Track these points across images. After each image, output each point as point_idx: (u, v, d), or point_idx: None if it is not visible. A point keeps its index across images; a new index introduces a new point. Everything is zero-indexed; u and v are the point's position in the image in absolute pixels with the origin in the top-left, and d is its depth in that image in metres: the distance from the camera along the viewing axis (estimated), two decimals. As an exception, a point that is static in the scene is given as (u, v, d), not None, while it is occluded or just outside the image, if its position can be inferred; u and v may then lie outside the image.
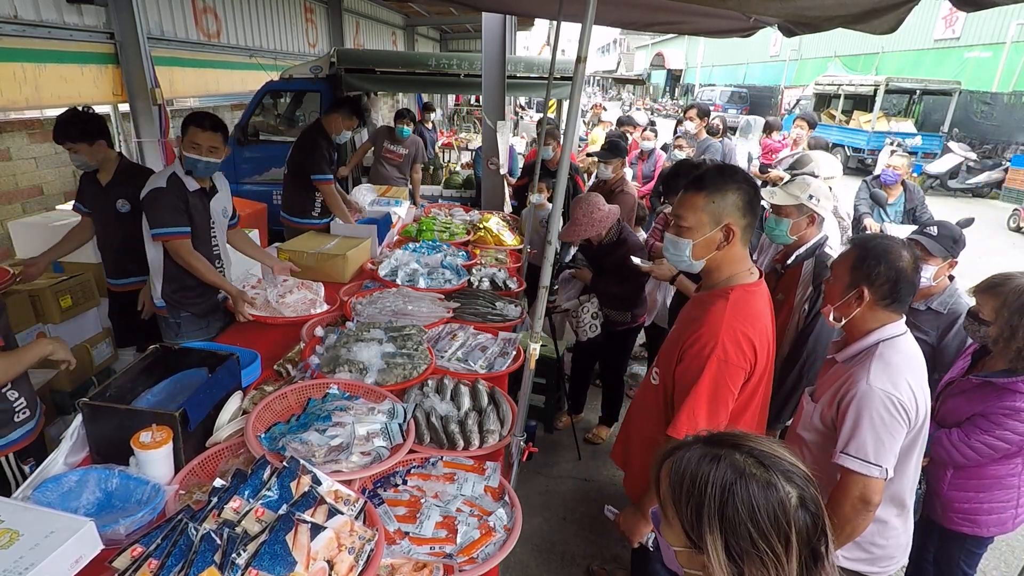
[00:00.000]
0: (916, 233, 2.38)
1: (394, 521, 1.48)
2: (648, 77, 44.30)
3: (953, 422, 2.05)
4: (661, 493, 0.89)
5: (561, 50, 3.54)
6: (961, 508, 2.08)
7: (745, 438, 0.87)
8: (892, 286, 1.62)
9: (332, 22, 10.30)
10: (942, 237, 2.32)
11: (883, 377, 1.56)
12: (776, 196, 2.45)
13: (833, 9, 2.20)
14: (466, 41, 17.78)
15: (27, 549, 1.16)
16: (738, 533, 0.78)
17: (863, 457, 1.54)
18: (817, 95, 18.00)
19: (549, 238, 1.68)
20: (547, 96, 3.60)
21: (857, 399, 1.57)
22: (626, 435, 1.97)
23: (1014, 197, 12.08)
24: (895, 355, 1.60)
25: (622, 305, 3.27)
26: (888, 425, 1.54)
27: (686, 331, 1.63)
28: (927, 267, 2.30)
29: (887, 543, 1.75)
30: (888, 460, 1.54)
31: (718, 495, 0.79)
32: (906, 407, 1.55)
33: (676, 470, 0.85)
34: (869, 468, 1.54)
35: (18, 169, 4.67)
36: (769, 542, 0.77)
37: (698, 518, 0.80)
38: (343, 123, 4.10)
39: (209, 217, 2.75)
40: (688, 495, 0.82)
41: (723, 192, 1.56)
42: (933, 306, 2.38)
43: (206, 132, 2.58)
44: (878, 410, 1.54)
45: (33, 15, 4.19)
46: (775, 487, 0.79)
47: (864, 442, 1.54)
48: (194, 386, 1.77)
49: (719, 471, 0.81)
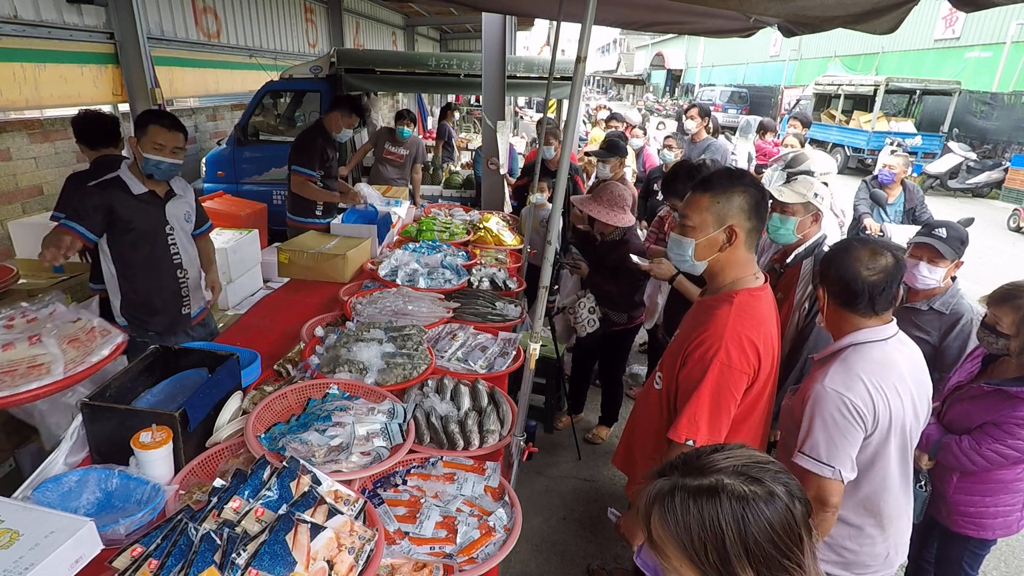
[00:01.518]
0: (925, 236, 2.37)
1: (394, 521, 1.48)
2: (648, 77, 44.29)
3: (962, 428, 2.04)
4: (658, 542, 0.83)
5: (561, 50, 3.54)
6: (967, 511, 2.08)
7: (720, 454, 0.84)
8: (843, 287, 1.62)
9: (332, 22, 10.31)
10: (951, 239, 2.32)
11: (838, 379, 1.57)
12: (784, 194, 2.46)
13: (833, 9, 2.20)
14: (466, 41, 17.78)
15: (27, 549, 1.16)
16: (765, 558, 0.76)
17: (816, 457, 1.55)
18: (817, 95, 17.99)
19: (549, 238, 1.68)
20: (547, 96, 3.60)
21: (812, 400, 1.59)
22: (628, 439, 1.97)
23: (1014, 197, 12.08)
24: (859, 360, 1.59)
25: (619, 305, 3.27)
26: (840, 426, 1.54)
27: (690, 335, 1.62)
28: (936, 269, 2.33)
29: (859, 549, 1.73)
30: (841, 462, 1.54)
31: (735, 532, 0.76)
32: (860, 410, 1.54)
33: (676, 521, 0.79)
34: (821, 468, 1.55)
35: (18, 169, 4.67)
36: (791, 552, 0.77)
37: (725, 562, 0.76)
38: (343, 121, 4.08)
39: (165, 222, 2.54)
40: (703, 543, 0.77)
41: (729, 194, 1.56)
42: (935, 306, 2.39)
43: (171, 132, 2.42)
44: (830, 411, 1.55)
45: (33, 15, 4.19)
46: (776, 495, 0.78)
47: (817, 442, 1.56)
48: (194, 386, 1.77)
49: (724, 506, 0.77)
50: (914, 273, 2.37)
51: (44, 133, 4.90)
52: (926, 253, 2.35)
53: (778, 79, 26.43)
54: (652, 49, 46.05)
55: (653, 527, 0.83)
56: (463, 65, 6.36)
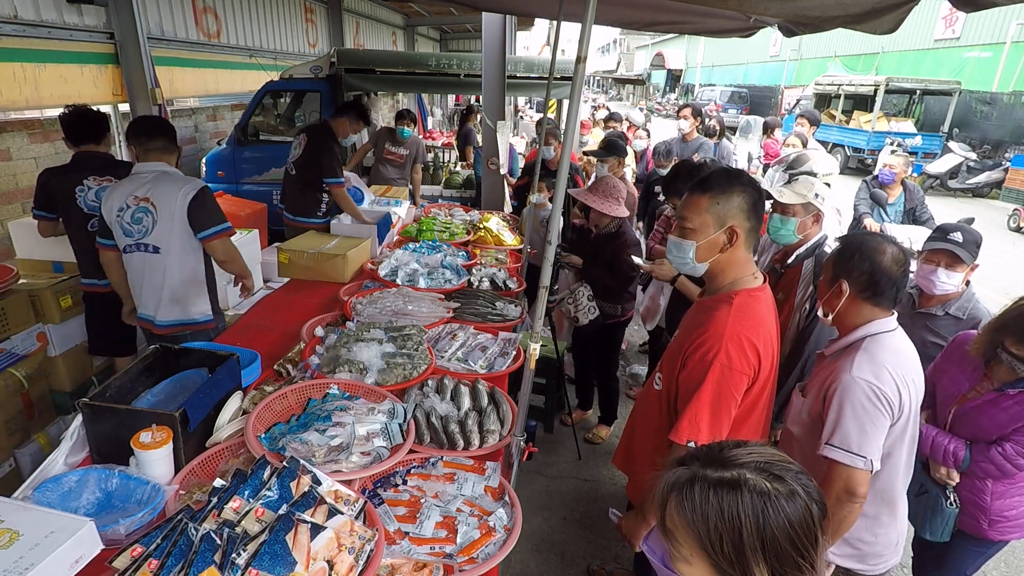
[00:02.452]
0: (941, 241, 2.30)
1: (394, 521, 1.48)
2: (648, 77, 44.28)
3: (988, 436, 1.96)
4: (671, 529, 0.83)
5: (561, 50, 3.54)
6: (1009, 515, 2.03)
7: (742, 449, 0.85)
8: (869, 278, 1.64)
9: (332, 22, 10.30)
10: (967, 243, 2.26)
11: (866, 368, 1.58)
12: (784, 195, 2.46)
13: (833, 9, 2.20)
14: (466, 41, 17.77)
15: (27, 549, 1.16)
16: (781, 555, 0.77)
17: (847, 448, 1.56)
18: (817, 95, 17.98)
19: (549, 238, 1.68)
20: (547, 96, 3.60)
21: (840, 390, 1.59)
22: (629, 440, 1.97)
23: (1014, 197, 12.08)
24: (880, 349, 1.62)
25: (612, 297, 3.30)
26: (871, 415, 1.55)
27: (690, 336, 1.62)
28: (954, 274, 2.27)
29: (875, 540, 1.75)
30: (872, 451, 1.56)
31: (754, 526, 0.76)
32: (888, 398, 1.56)
33: (694, 509, 0.80)
34: (853, 459, 1.55)
35: (18, 169, 4.67)
36: (807, 552, 0.78)
37: (740, 554, 0.77)
38: (350, 127, 4.14)
39: None
40: (719, 534, 0.78)
41: (728, 194, 1.56)
42: (951, 311, 2.32)
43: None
44: (860, 400, 1.56)
45: (33, 15, 4.19)
46: (797, 494, 0.79)
47: (848, 433, 1.56)
48: (194, 386, 1.77)
49: (745, 500, 0.77)
50: (932, 279, 2.30)
51: (44, 133, 4.90)
52: (943, 258, 2.28)
53: (778, 79, 26.44)
54: (652, 49, 46.05)
55: (668, 514, 0.83)
56: (463, 65, 6.36)
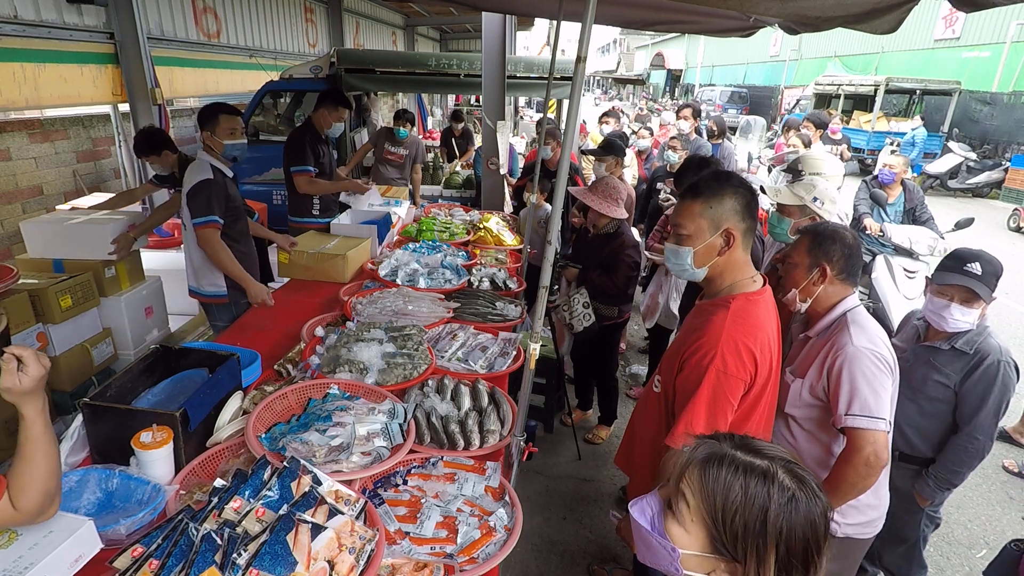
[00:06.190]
0: (956, 272, 2.08)
1: (394, 521, 1.48)
2: (648, 77, 44.25)
3: None
4: (683, 489, 0.86)
5: (561, 50, 3.54)
6: None
7: (767, 445, 0.88)
8: (847, 260, 1.81)
9: (332, 22, 10.29)
10: (986, 276, 2.04)
11: (863, 337, 1.72)
12: (781, 195, 2.46)
13: (833, 9, 2.20)
14: (466, 41, 17.77)
15: (26, 548, 1.16)
16: (794, 546, 0.80)
17: (868, 413, 1.63)
18: (817, 95, 17.97)
19: (549, 238, 1.68)
20: (547, 96, 3.60)
21: (847, 362, 1.69)
22: (629, 440, 1.97)
23: (1014, 197, 12.07)
24: (864, 319, 1.78)
25: (609, 299, 3.29)
26: (879, 378, 1.67)
27: (687, 340, 1.62)
28: (970, 311, 2.06)
29: (879, 503, 1.84)
30: (886, 412, 1.65)
31: (774, 518, 0.80)
32: (887, 360, 1.70)
33: (717, 480, 0.83)
34: (877, 423, 1.63)
35: (18, 169, 4.67)
36: (818, 550, 0.81)
37: (748, 534, 0.80)
38: (331, 116, 3.98)
39: (242, 197, 3.07)
40: (735, 510, 0.81)
41: (720, 197, 1.56)
42: (957, 346, 2.12)
43: (235, 117, 2.91)
44: (868, 367, 1.67)
45: (33, 15, 4.18)
46: (819, 498, 0.82)
47: (865, 399, 1.64)
48: (194, 386, 1.78)
49: (774, 493, 0.81)
50: (944, 315, 2.10)
51: (44, 133, 4.90)
52: (958, 293, 2.06)
53: (778, 79, 26.41)
54: (652, 49, 46.02)
55: (686, 477, 0.86)
56: (463, 65, 6.36)
